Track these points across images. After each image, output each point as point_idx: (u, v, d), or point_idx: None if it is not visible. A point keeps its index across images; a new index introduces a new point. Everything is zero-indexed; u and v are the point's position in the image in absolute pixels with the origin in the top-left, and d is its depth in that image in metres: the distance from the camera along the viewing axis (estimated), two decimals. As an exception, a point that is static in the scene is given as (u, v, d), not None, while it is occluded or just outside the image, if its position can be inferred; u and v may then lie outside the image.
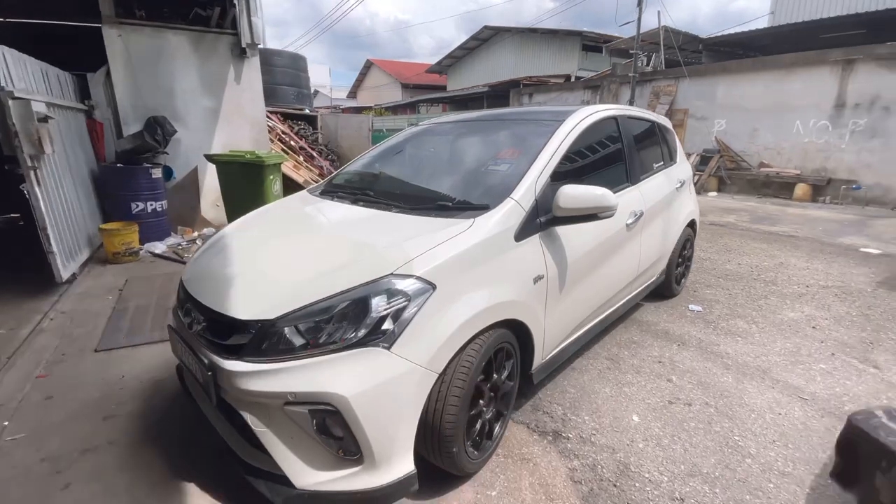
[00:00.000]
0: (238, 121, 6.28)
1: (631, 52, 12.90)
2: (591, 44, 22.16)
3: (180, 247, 5.46)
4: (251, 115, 6.39)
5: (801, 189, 9.41)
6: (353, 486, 1.47)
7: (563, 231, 2.11)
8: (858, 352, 2.94)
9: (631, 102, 12.41)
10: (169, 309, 2.69)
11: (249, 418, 1.49)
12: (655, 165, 3.29)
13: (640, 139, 3.15)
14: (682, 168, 3.77)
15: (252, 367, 1.45)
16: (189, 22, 5.91)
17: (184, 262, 4.85)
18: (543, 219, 2.00)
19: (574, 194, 1.93)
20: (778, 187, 9.81)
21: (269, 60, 10.20)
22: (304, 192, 2.83)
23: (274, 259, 1.89)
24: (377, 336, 1.47)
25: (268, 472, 1.53)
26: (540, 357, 2.13)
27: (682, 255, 3.81)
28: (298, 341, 1.47)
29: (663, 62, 13.29)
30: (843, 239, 6.41)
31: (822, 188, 9.26)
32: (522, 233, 1.91)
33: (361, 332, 1.47)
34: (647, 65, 13.49)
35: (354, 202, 2.30)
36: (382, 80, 37.84)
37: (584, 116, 2.50)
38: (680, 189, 3.54)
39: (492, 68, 26.23)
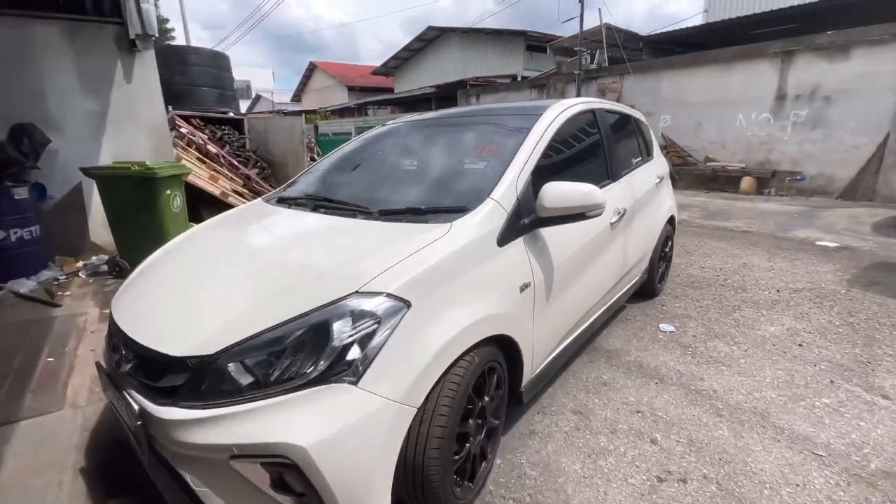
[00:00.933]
0: (131, 127, 5.29)
1: (575, 49, 12.74)
2: (536, 44, 22.22)
3: (56, 282, 4.44)
4: (148, 120, 5.41)
5: (746, 182, 9.43)
6: None
7: (547, 233, 1.91)
8: (859, 376, 2.51)
9: (579, 100, 12.19)
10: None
11: (189, 477, 1.24)
12: (634, 161, 3.15)
13: (617, 134, 3.01)
14: (660, 163, 3.64)
15: (189, 415, 1.20)
16: (60, 9, 4.87)
17: (57, 305, 3.87)
18: (527, 220, 1.81)
19: (559, 192, 1.76)
20: (724, 181, 9.81)
21: (185, 59, 9.15)
22: (258, 200, 2.58)
23: (217, 282, 1.61)
24: (341, 369, 1.22)
25: None
26: (529, 372, 1.90)
27: (664, 253, 3.69)
28: (246, 380, 1.22)
29: (607, 59, 13.22)
30: (796, 232, 6.27)
31: (768, 180, 9.32)
32: (506, 236, 1.71)
33: (322, 365, 1.22)
34: (592, 62, 13.36)
35: (314, 209, 2.06)
36: (327, 82, 36.69)
37: (562, 109, 2.32)
38: (659, 185, 3.41)
39: (439, 70, 25.93)
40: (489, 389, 1.66)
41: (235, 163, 8.27)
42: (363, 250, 1.55)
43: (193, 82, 9.09)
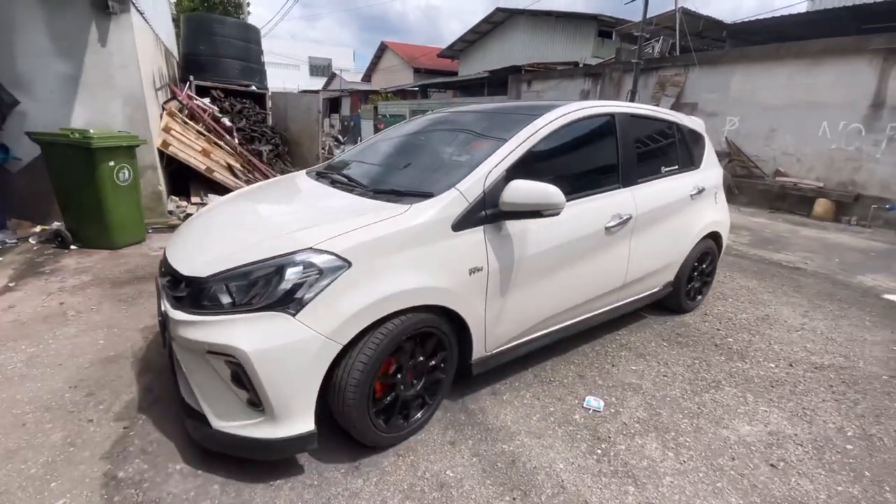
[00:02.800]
0: (105, 93, 5.13)
1: (635, 34, 11.24)
2: (608, 29, 20.37)
3: (2, 245, 4.39)
4: (124, 88, 5.22)
5: (821, 205, 7.78)
6: (255, 434, 1.63)
7: (517, 226, 2.10)
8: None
9: (633, 93, 10.82)
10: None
11: (182, 361, 1.76)
12: (665, 169, 3.08)
13: (646, 140, 3.00)
14: (707, 175, 3.43)
15: (185, 317, 1.65)
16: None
17: (-18, 270, 3.77)
18: (490, 212, 1.99)
19: (519, 189, 1.94)
20: (795, 201, 8.19)
21: (210, 29, 9.08)
22: (302, 172, 2.96)
23: (232, 227, 2.14)
24: (286, 303, 1.59)
25: (196, 412, 1.71)
26: (482, 349, 2.15)
27: (700, 270, 3.53)
28: (226, 300, 1.64)
29: (673, 48, 11.58)
30: (864, 277, 4.91)
31: (848, 206, 7.61)
32: (463, 223, 1.92)
33: (273, 298, 1.59)
34: (655, 51, 11.78)
35: (332, 184, 2.43)
36: (395, 63, 36.72)
37: (561, 114, 2.39)
38: (697, 196, 3.24)
39: (504, 53, 24.82)
40: (427, 350, 1.95)
41: (236, 138, 8.05)
42: (335, 217, 1.89)
43: (218, 53, 9.02)
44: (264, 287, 1.61)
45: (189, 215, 5.90)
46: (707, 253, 3.51)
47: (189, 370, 1.73)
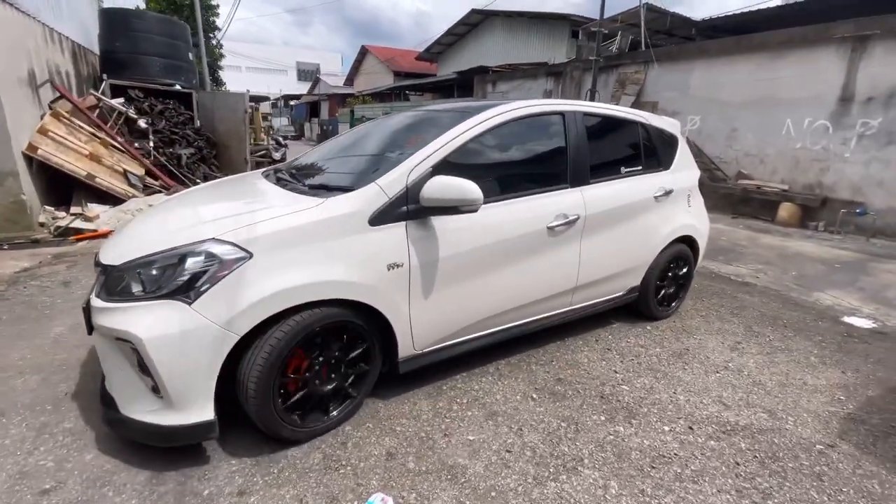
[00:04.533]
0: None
1: (593, 31, 10.62)
2: (595, 28, 19.88)
3: None
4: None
5: (786, 210, 7.11)
6: (156, 421, 1.64)
7: (446, 223, 2.04)
8: None
9: (592, 91, 10.18)
10: None
11: (98, 347, 1.78)
12: (625, 170, 2.97)
13: (602, 140, 2.94)
14: (678, 177, 3.26)
15: (101, 304, 1.68)
16: None
17: None
18: (412, 207, 1.95)
19: (438, 185, 1.90)
20: (758, 205, 7.51)
21: (127, 23, 8.31)
22: (258, 171, 2.92)
23: (158, 222, 2.11)
24: (184, 291, 1.59)
25: (110, 397, 1.76)
26: (410, 348, 2.10)
27: (673, 275, 3.36)
28: (136, 288, 1.66)
29: (636, 45, 10.97)
30: (822, 294, 4.20)
31: (815, 210, 6.94)
32: (381, 218, 1.89)
33: (172, 287, 1.60)
34: (614, 48, 11.17)
35: (277, 182, 2.35)
36: (377, 67, 36.33)
37: (498, 112, 2.33)
38: (664, 198, 3.09)
39: (481, 55, 24.47)
40: (340, 340, 1.92)
41: (152, 141, 7.26)
42: (248, 210, 1.88)
43: (138, 50, 8.25)
44: (167, 276, 1.63)
45: (66, 228, 5.13)
46: (680, 258, 3.34)
47: (103, 356, 1.77)
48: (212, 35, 24.11)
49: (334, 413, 1.98)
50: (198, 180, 7.94)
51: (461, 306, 2.21)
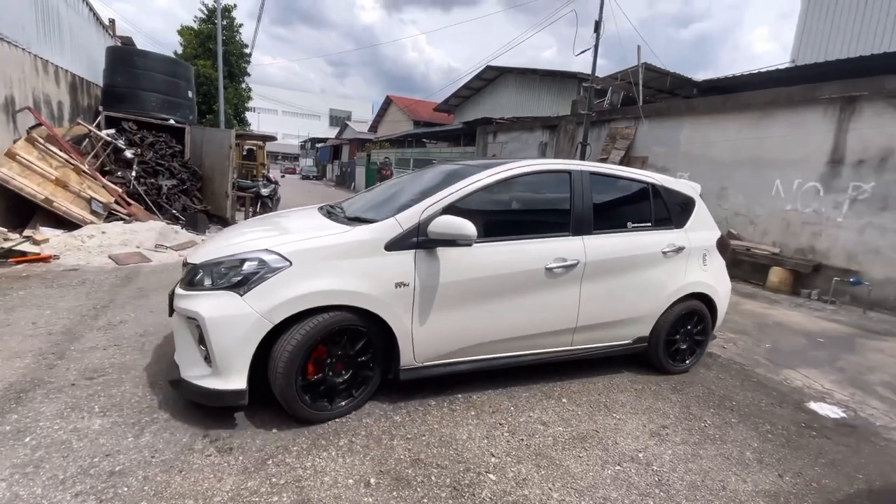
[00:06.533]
0: None
1: (585, 87, 10.68)
2: (588, 84, 20.34)
3: None
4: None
5: (777, 274, 6.60)
6: (205, 384, 2.10)
7: (450, 254, 2.42)
8: None
9: (584, 145, 10.07)
10: None
11: (175, 325, 2.31)
12: (632, 225, 3.19)
13: (610, 197, 3.22)
14: (692, 236, 3.41)
15: (182, 292, 2.23)
16: None
17: None
18: (421, 239, 2.36)
19: (442, 222, 2.31)
20: (749, 269, 7.02)
21: (130, 61, 8.73)
22: (317, 206, 3.29)
23: (241, 233, 2.69)
24: (239, 286, 2.11)
25: (175, 362, 2.26)
26: (411, 359, 2.45)
27: (686, 330, 3.44)
28: (207, 281, 2.19)
29: (630, 101, 10.96)
30: (792, 373, 3.70)
31: (808, 277, 6.42)
32: (395, 245, 2.33)
33: (231, 282, 2.13)
34: (606, 103, 11.17)
35: (327, 215, 2.84)
36: (399, 116, 37.86)
37: (507, 168, 2.74)
38: (673, 255, 3.25)
39: (495, 108, 25.35)
40: (354, 343, 2.33)
41: (134, 171, 7.36)
42: (299, 232, 2.47)
43: (137, 85, 8.61)
44: (229, 274, 2.15)
45: (9, 250, 5.06)
46: (693, 314, 3.43)
47: (176, 331, 2.27)
48: (241, 80, 25.65)
49: (342, 403, 2.37)
50: (174, 211, 8.01)
51: (459, 327, 2.54)
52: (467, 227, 2.29)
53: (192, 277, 2.23)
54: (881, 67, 6.98)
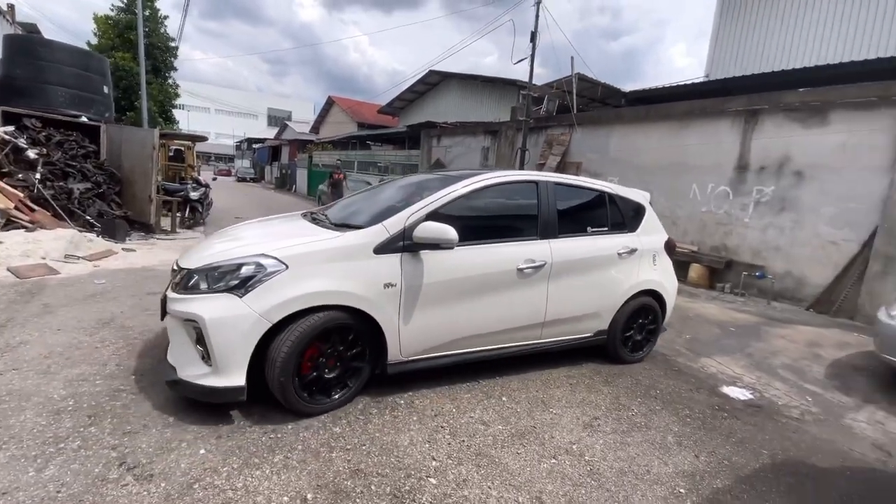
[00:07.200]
0: None
1: (523, 94, 11.08)
2: (526, 92, 21.10)
3: None
4: None
5: (695, 271, 7.21)
6: (204, 382, 2.22)
7: (432, 256, 2.63)
8: None
9: (522, 150, 10.42)
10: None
11: (169, 327, 2.42)
12: (591, 229, 3.50)
13: (572, 204, 3.51)
14: (644, 239, 3.73)
15: (175, 296, 2.35)
16: None
17: None
18: (406, 243, 2.57)
19: (425, 227, 2.53)
20: (673, 266, 7.58)
21: (32, 52, 7.86)
22: (300, 212, 3.54)
23: (219, 242, 2.77)
24: (237, 289, 2.24)
25: (171, 364, 2.35)
26: (398, 354, 2.64)
27: (640, 324, 3.77)
28: (203, 285, 2.31)
29: (563, 107, 11.50)
30: (708, 360, 4.04)
31: (721, 272, 7.07)
32: (383, 249, 2.52)
33: (229, 284, 2.26)
34: (543, 110, 11.66)
35: (312, 221, 3.08)
36: (342, 117, 36.96)
37: (479, 180, 2.98)
38: (627, 256, 3.57)
39: (439, 112, 25.50)
40: (346, 340, 2.49)
41: (38, 174, 6.63)
42: (292, 237, 2.64)
43: (41, 79, 7.77)
44: (227, 277, 2.28)
45: None
46: (645, 309, 3.75)
47: (171, 333, 2.39)
48: (168, 75, 23.91)
49: (337, 396, 2.53)
50: (88, 217, 7.29)
51: (440, 324, 2.74)
52: (450, 231, 2.50)
53: (187, 282, 2.34)
54: (780, 84, 7.85)
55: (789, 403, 3.31)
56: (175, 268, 2.62)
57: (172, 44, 22.70)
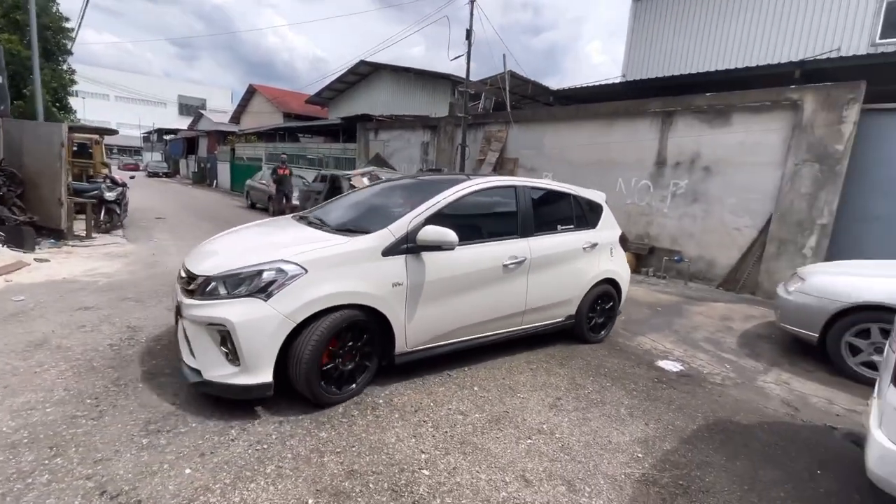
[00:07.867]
0: None
1: (460, 91, 11.34)
2: (463, 88, 21.38)
3: None
4: None
5: (624, 258, 7.91)
6: (232, 381, 2.39)
7: (432, 257, 2.92)
8: None
9: (462, 146, 10.67)
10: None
11: (189, 332, 2.51)
12: (561, 227, 3.94)
13: (544, 205, 3.93)
14: (602, 234, 4.23)
15: (193, 302, 2.49)
16: None
17: None
18: (410, 245, 2.84)
19: (428, 231, 2.81)
20: (604, 254, 8.25)
21: None
22: (289, 216, 4.00)
23: (234, 244, 3.06)
24: (261, 293, 2.41)
25: (193, 367, 2.49)
26: (403, 345, 2.90)
27: (601, 308, 4.27)
28: (222, 291, 2.47)
29: (500, 105, 11.92)
30: (643, 338, 4.52)
31: (646, 258, 7.84)
32: (389, 251, 2.79)
33: (253, 289, 2.43)
34: (480, 107, 12.03)
35: (308, 224, 3.34)
36: (266, 107, 34.73)
37: (471, 184, 3.33)
38: (591, 249, 4.05)
39: (371, 104, 24.92)
40: (359, 335, 2.73)
41: None
42: (303, 242, 2.81)
43: None
44: (250, 283, 2.44)
45: None
46: (606, 295, 4.27)
47: (193, 338, 2.49)
48: (62, 59, 21.11)
49: (353, 385, 2.76)
50: (-17, 225, 6.38)
51: (441, 316, 3.04)
52: (450, 234, 2.79)
53: (205, 288, 2.49)
54: (690, 86, 8.76)
55: (712, 371, 3.84)
56: (183, 274, 2.77)
57: (68, 24, 20.09)
